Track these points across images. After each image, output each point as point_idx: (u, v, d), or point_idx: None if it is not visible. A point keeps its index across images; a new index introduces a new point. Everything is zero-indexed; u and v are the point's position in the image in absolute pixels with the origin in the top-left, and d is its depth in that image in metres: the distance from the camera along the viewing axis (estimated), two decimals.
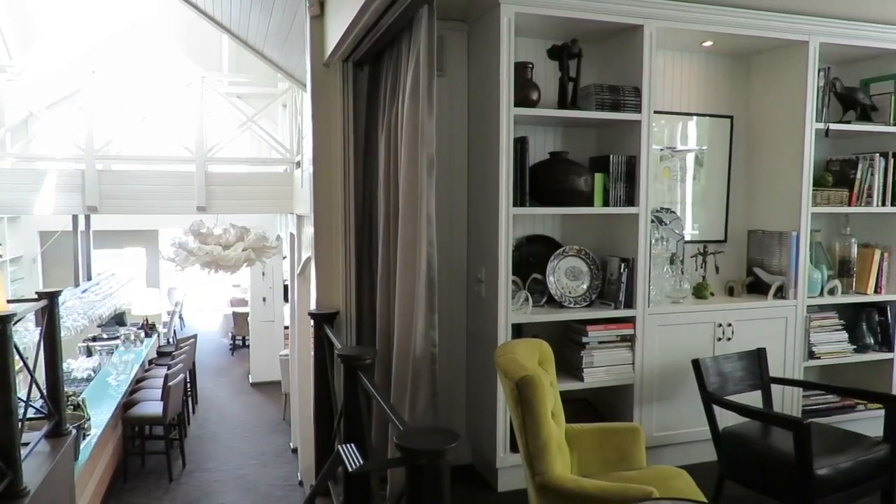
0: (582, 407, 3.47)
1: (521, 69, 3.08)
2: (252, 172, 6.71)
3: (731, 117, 3.80)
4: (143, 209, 6.31)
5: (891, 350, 3.76)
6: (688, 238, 3.75)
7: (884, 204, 3.70)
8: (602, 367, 3.24)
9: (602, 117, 3.14)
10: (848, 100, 3.66)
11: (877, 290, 3.74)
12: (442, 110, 3.34)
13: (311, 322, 3.25)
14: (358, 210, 3.27)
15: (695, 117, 3.75)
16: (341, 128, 3.19)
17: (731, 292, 3.68)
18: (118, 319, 8.00)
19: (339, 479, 2.71)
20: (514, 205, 3.04)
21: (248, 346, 9.82)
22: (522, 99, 3.04)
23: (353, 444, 1.83)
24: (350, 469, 1.57)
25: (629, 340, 3.28)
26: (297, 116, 6.18)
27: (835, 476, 2.56)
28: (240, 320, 10.60)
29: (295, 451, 6.15)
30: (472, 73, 3.34)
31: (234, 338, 11.12)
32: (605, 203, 3.24)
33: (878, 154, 3.68)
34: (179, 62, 7.90)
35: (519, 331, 3.32)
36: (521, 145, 3.06)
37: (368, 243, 3.26)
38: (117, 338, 7.03)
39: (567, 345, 3.36)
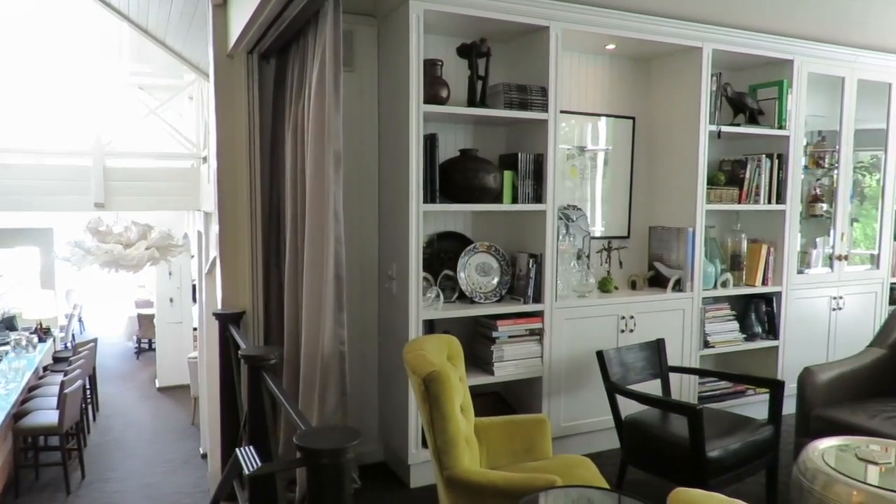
0: (493, 400, 3.53)
1: (431, 66, 3.09)
2: (156, 167, 6.39)
3: (633, 118, 3.96)
4: (33, 205, 5.88)
5: (776, 338, 4.04)
6: (594, 234, 3.89)
7: (770, 202, 3.97)
8: (512, 361, 3.31)
9: (510, 116, 3.20)
10: (738, 104, 3.90)
11: (764, 283, 4.01)
12: (352, 106, 3.31)
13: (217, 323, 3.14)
14: (265, 207, 3.18)
15: (600, 118, 3.88)
16: (246, 122, 3.10)
17: (633, 286, 3.85)
18: (8, 324, 7.44)
19: (246, 484, 2.63)
20: (425, 201, 3.05)
21: (154, 350, 9.38)
22: (432, 96, 3.05)
23: (252, 447, 1.77)
24: (247, 472, 1.53)
25: (538, 334, 3.36)
26: (204, 109, 5.94)
27: (725, 457, 2.72)
28: (145, 322, 10.10)
29: (205, 456, 5.93)
30: (382, 69, 3.32)
31: (139, 341, 10.59)
32: (514, 200, 3.30)
33: (764, 155, 3.94)
34: (75, 49, 7.42)
35: (431, 327, 3.34)
36: (431, 142, 3.06)
37: (277, 241, 3.19)
38: (6, 343, 6.54)
39: (478, 340, 3.41)
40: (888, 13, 3.70)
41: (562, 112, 3.63)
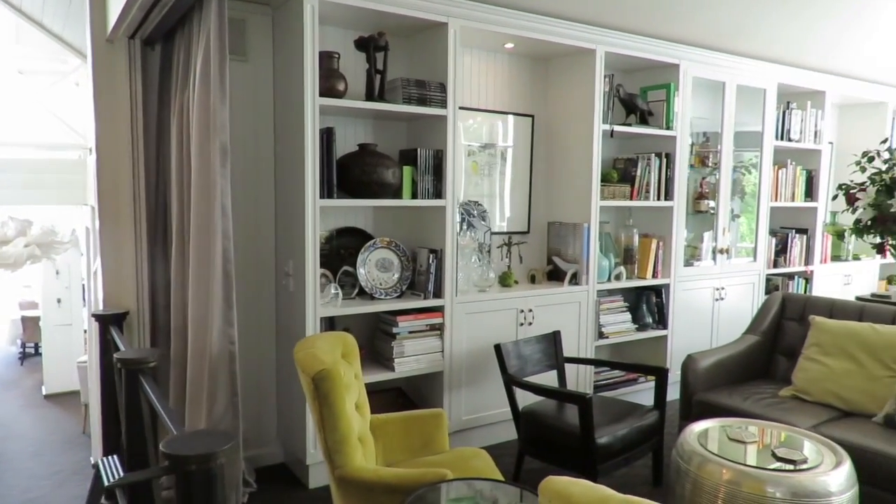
0: (395, 396, 3.52)
1: (327, 59, 3.04)
2: (38, 159, 5.95)
3: (532, 116, 4.06)
4: None
5: (665, 327, 4.26)
6: (495, 230, 3.95)
7: (659, 198, 4.17)
8: (412, 357, 3.31)
9: (409, 111, 3.19)
10: (630, 105, 4.07)
11: (654, 275, 4.21)
12: (246, 97, 3.20)
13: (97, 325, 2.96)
14: (151, 201, 3.03)
15: (500, 115, 3.95)
16: (129, 111, 2.93)
17: (533, 280, 3.95)
18: None
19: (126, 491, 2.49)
20: (322, 197, 3.00)
21: (40, 354, 8.74)
22: (328, 89, 3.00)
23: (115, 456, 1.68)
24: (106, 483, 1.45)
25: (438, 329, 3.38)
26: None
27: (613, 442, 2.84)
28: (30, 325, 9.39)
29: (96, 466, 5.59)
30: (277, 61, 3.23)
31: (23, 345, 9.83)
32: (414, 196, 3.30)
33: (654, 154, 4.13)
34: None
35: (331, 324, 3.29)
36: (327, 136, 3.01)
37: (164, 237, 3.04)
38: None
39: (379, 336, 3.39)
40: (762, 25, 3.96)
41: (462, 109, 3.68)
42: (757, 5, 3.75)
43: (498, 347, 3.15)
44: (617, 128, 3.92)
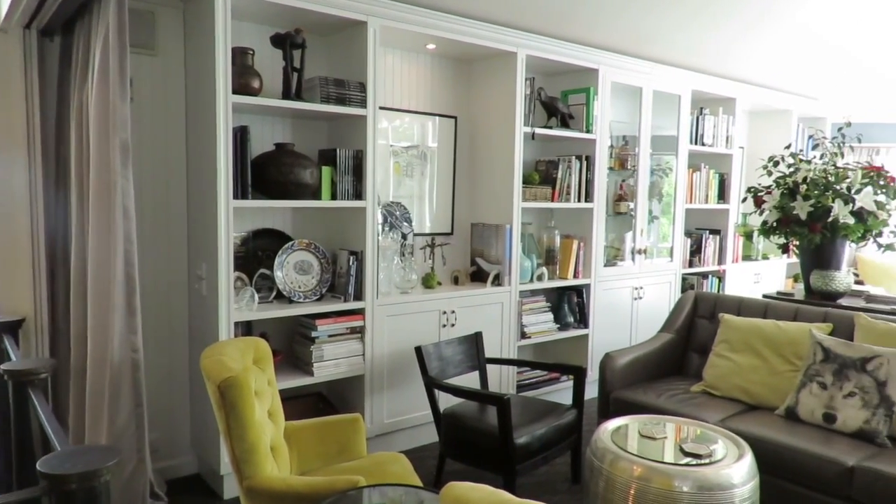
0: (315, 401, 3.45)
1: (241, 55, 2.94)
2: None
3: (455, 118, 4.06)
4: None
5: (586, 326, 4.35)
6: (418, 231, 3.93)
7: (580, 200, 4.26)
8: (332, 361, 3.25)
9: (327, 110, 3.13)
10: (551, 108, 4.13)
11: (575, 275, 4.29)
12: (155, 93, 3.06)
13: None
14: (50, 201, 2.85)
15: (422, 116, 3.93)
16: (24, 106, 2.74)
17: (456, 281, 3.95)
18: None
19: None
20: (236, 197, 2.90)
21: None
22: (242, 86, 2.90)
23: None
24: None
25: (359, 332, 3.33)
26: None
27: (532, 442, 2.86)
28: None
29: None
30: (188, 55, 3.10)
31: None
32: (334, 197, 3.24)
33: (574, 157, 4.21)
34: None
35: (248, 329, 3.19)
36: (241, 135, 2.91)
37: (64, 240, 2.86)
38: None
39: (297, 340, 3.31)
40: (678, 33, 4.11)
41: (383, 109, 3.65)
42: (673, 14, 3.88)
43: (419, 350, 3.13)
44: (538, 130, 3.98)
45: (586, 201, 4.30)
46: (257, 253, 3.28)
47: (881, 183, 3.97)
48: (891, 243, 3.99)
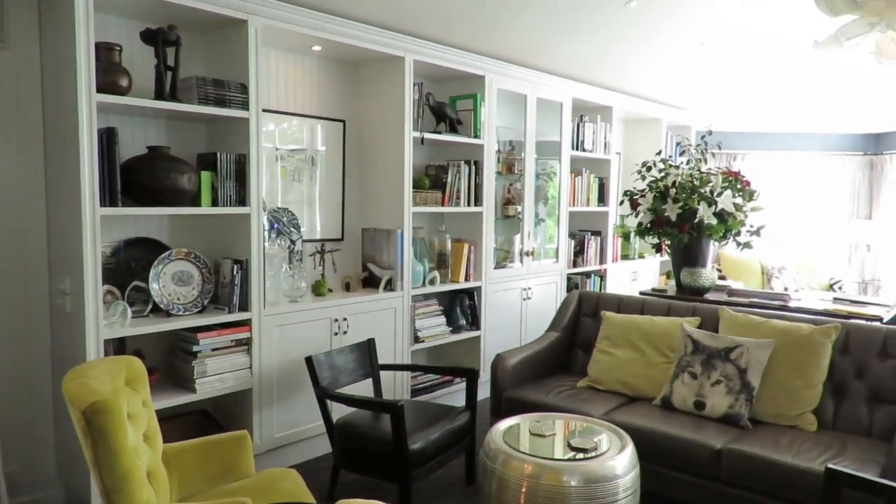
0: (198, 420, 3.27)
1: (107, 51, 2.73)
2: None
3: (343, 121, 3.99)
4: None
5: (478, 328, 4.43)
6: (307, 237, 3.83)
7: (469, 204, 4.33)
8: (217, 376, 3.09)
9: (205, 112, 2.98)
10: (439, 113, 4.17)
11: (466, 278, 4.36)
12: (6, 91, 2.78)
13: None
14: None
15: (310, 119, 3.84)
16: None
17: (347, 287, 3.88)
18: None
19: None
20: (103, 205, 2.68)
21: None
22: (109, 85, 2.69)
23: None
24: None
25: (245, 344, 3.19)
26: None
27: (426, 447, 2.86)
28: None
29: None
30: (45, 49, 2.83)
31: None
32: (215, 203, 3.08)
33: (463, 161, 4.27)
34: None
35: (121, 347, 2.96)
36: (108, 137, 2.70)
37: None
38: None
39: (178, 355, 3.12)
40: (558, 43, 4.27)
41: (268, 111, 3.53)
42: (555, 27, 4.03)
43: (309, 360, 3.04)
44: (427, 135, 4.00)
45: (476, 205, 4.37)
46: (130, 264, 3.06)
47: (738, 187, 4.34)
48: (748, 241, 4.36)
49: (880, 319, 3.71)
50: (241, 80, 3.12)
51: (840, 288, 6.98)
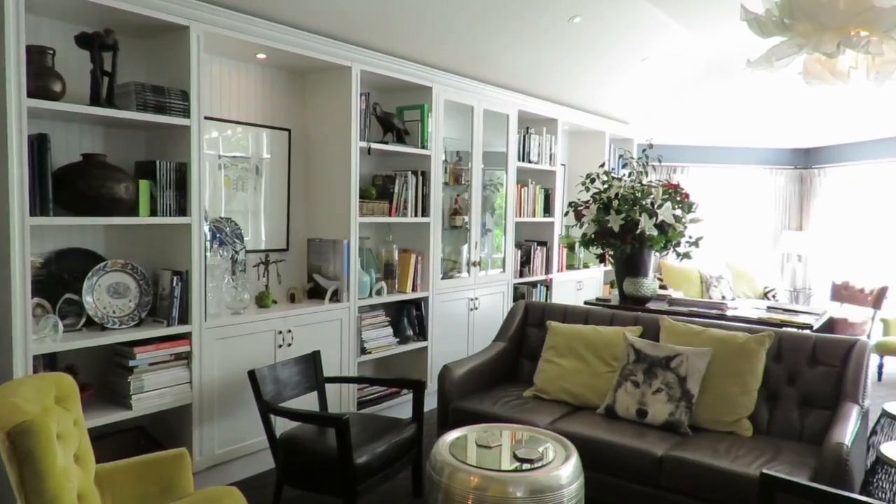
0: (135, 437, 3.14)
1: (39, 54, 2.61)
2: None
3: (289, 130, 3.94)
4: None
5: (425, 339, 4.42)
6: (251, 247, 3.75)
7: (416, 215, 4.33)
8: (155, 391, 2.98)
9: (144, 119, 2.88)
10: (387, 123, 4.16)
11: (414, 289, 4.35)
12: None
13: None
14: None
15: (254, 128, 3.77)
16: None
17: (293, 299, 3.82)
18: None
19: None
20: (33, 214, 2.56)
21: None
22: (40, 89, 2.58)
23: None
24: None
25: (185, 358, 3.10)
26: None
27: (372, 461, 2.83)
28: None
29: None
30: None
31: None
32: (153, 212, 2.99)
33: (411, 172, 4.27)
34: None
35: (52, 362, 2.83)
36: (39, 144, 2.59)
37: None
38: None
39: (113, 371, 3.00)
40: (504, 55, 4.33)
41: (210, 119, 3.45)
42: (501, 38, 4.09)
43: (252, 373, 2.97)
44: (374, 145, 3.98)
45: (423, 215, 4.37)
46: (62, 276, 2.93)
47: (678, 199, 4.48)
48: (687, 252, 4.50)
49: (810, 327, 3.88)
50: (183, 87, 3.04)
51: (774, 296, 7.28)
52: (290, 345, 3.53)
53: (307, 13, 3.40)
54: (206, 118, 3.19)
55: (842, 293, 6.69)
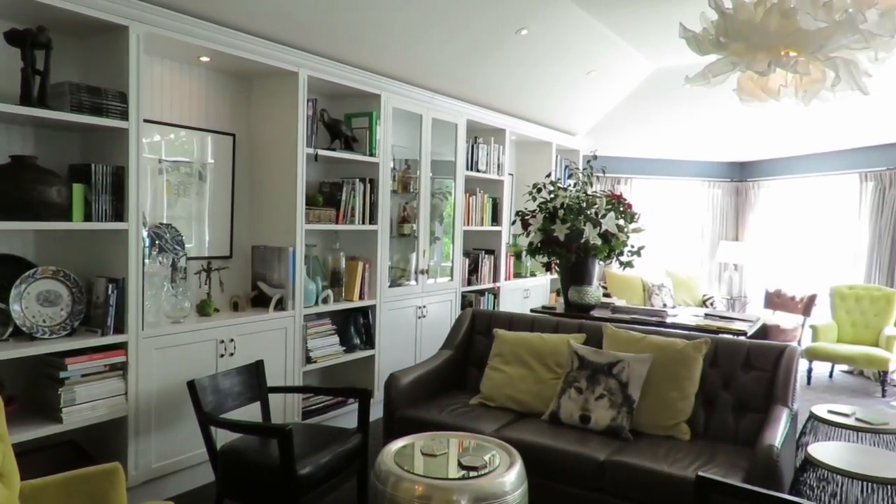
0: (65, 453, 3.00)
1: None
2: None
3: (233, 135, 3.87)
4: None
5: (373, 347, 4.39)
6: (193, 254, 3.66)
7: (364, 222, 4.30)
8: (87, 404, 2.86)
9: (78, 121, 2.78)
10: (334, 130, 4.13)
11: (361, 297, 4.32)
12: None
13: None
14: None
15: (198, 132, 3.68)
16: None
17: (236, 307, 3.74)
18: None
19: None
20: None
21: None
22: None
23: None
24: None
25: (121, 369, 2.99)
26: None
27: (316, 472, 2.78)
28: None
29: None
30: None
31: None
32: (88, 218, 2.88)
33: (358, 179, 4.25)
34: None
35: None
36: None
37: None
38: None
39: (42, 383, 2.87)
40: (452, 65, 4.36)
41: (150, 122, 3.36)
42: (451, 48, 4.12)
43: (192, 384, 2.89)
44: (321, 152, 3.95)
45: (371, 223, 4.35)
46: None
47: (621, 209, 4.60)
48: (629, 260, 4.62)
49: (745, 334, 4.04)
50: (121, 89, 2.95)
51: (711, 304, 7.53)
52: (232, 354, 3.45)
53: (252, 16, 3.35)
54: (145, 121, 3.11)
55: (774, 301, 6.98)
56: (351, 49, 3.93)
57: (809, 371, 6.28)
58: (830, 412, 3.57)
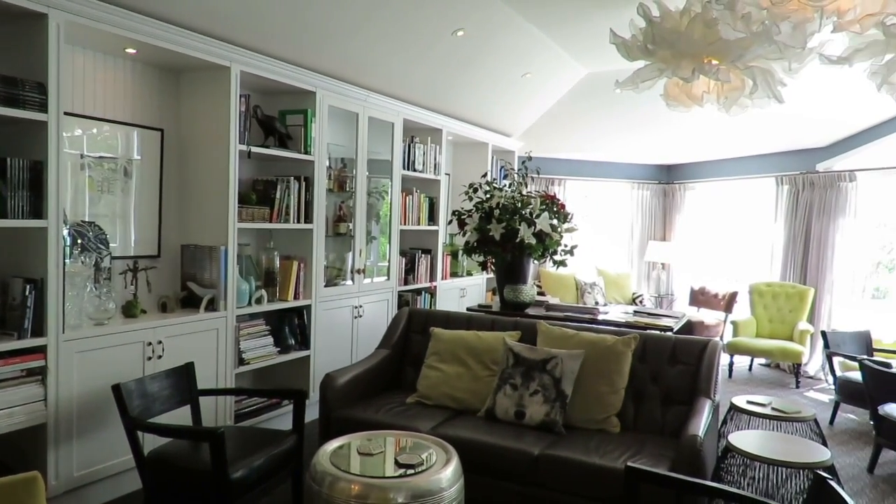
0: None
1: None
2: None
3: (161, 130, 3.73)
4: None
5: (308, 348, 4.33)
6: (118, 253, 3.51)
7: (299, 221, 4.24)
8: (4, 411, 2.70)
9: None
10: (268, 126, 4.05)
11: (296, 297, 4.25)
12: None
13: None
14: None
15: (123, 126, 3.54)
16: None
17: (164, 308, 3.61)
18: None
19: None
20: None
21: None
22: None
23: None
24: None
25: (39, 373, 2.84)
26: None
27: (249, 475, 2.73)
28: None
29: None
30: None
31: None
32: (3, 215, 2.72)
33: (293, 177, 4.18)
34: None
35: None
36: None
37: None
38: None
39: None
40: (387, 63, 4.35)
41: (71, 115, 3.21)
42: (387, 46, 4.11)
43: (117, 388, 2.77)
44: (255, 149, 3.86)
45: (306, 222, 4.29)
46: None
47: (555, 209, 4.70)
48: (563, 259, 4.73)
49: (671, 329, 4.21)
50: (40, 80, 2.80)
51: (641, 301, 7.81)
52: (160, 357, 3.34)
53: (182, 8, 3.25)
54: (66, 114, 2.97)
55: (699, 298, 7.31)
56: (285, 45, 3.87)
57: (731, 364, 6.61)
58: (749, 402, 3.78)
